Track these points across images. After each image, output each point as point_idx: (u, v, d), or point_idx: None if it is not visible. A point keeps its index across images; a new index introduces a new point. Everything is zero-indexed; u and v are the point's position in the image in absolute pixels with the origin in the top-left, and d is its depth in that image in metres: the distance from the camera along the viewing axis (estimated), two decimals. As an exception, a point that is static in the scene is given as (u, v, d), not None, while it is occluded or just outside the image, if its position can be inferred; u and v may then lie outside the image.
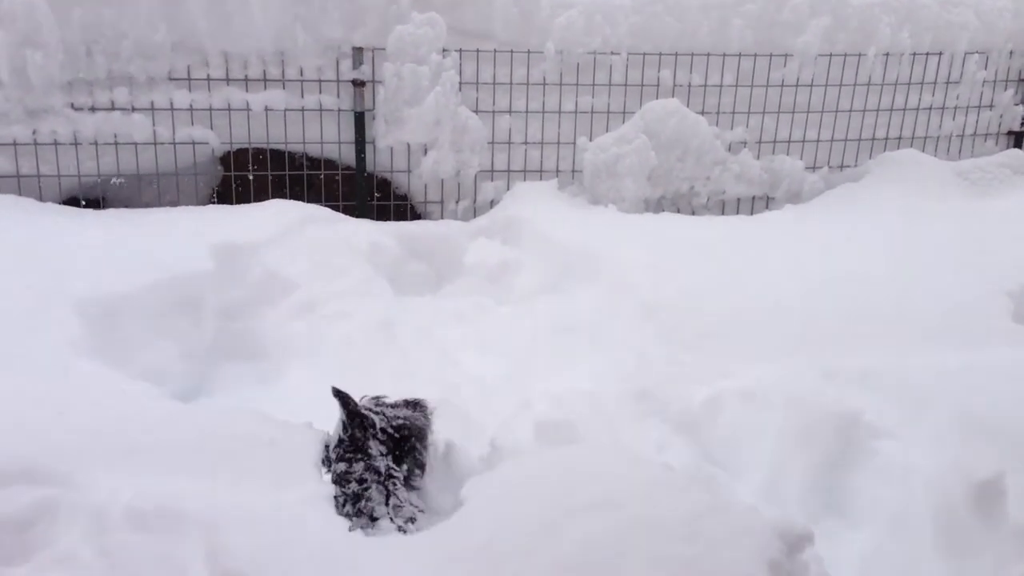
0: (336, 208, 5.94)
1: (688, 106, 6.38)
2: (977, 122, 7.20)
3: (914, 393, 3.23)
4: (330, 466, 2.98)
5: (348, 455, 2.97)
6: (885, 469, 3.09)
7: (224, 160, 6.09)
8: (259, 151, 6.08)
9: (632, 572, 2.11)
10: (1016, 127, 7.27)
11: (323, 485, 2.87)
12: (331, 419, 3.92)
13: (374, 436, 3.00)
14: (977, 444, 2.84)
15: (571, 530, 2.28)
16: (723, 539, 2.16)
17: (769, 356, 3.90)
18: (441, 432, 3.87)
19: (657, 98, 6.40)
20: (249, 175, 6.07)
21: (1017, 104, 7.24)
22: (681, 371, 4.16)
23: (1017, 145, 7.17)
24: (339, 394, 3.03)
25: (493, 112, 6.32)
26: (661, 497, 2.34)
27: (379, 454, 2.97)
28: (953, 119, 7.14)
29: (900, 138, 6.99)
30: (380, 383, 4.27)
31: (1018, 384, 3.15)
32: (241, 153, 6.07)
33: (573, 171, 6.50)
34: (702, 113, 6.45)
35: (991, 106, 7.22)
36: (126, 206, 5.77)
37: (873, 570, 2.95)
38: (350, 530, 2.61)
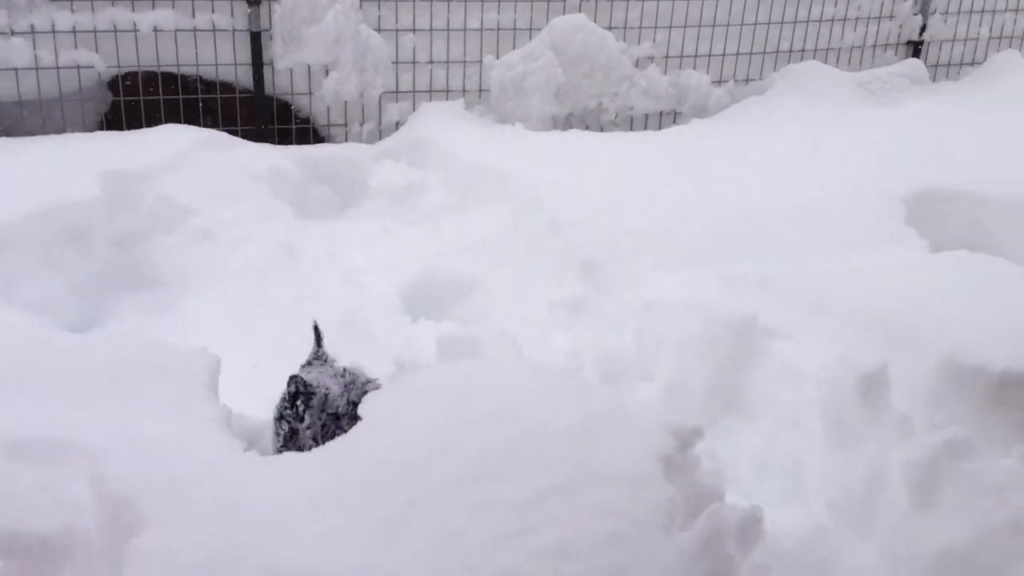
0: (235, 133, 5.75)
1: (595, 21, 6.30)
2: (878, 32, 7.28)
3: (807, 295, 3.30)
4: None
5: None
6: (779, 368, 3.17)
7: (112, 85, 5.82)
8: (150, 75, 5.82)
9: (527, 478, 2.12)
10: (915, 37, 7.38)
11: (216, 409, 2.81)
12: (229, 344, 3.86)
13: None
14: (864, 340, 2.91)
15: (467, 442, 2.27)
16: (617, 439, 2.18)
17: (673, 266, 3.95)
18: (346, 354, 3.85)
19: (564, 14, 6.31)
20: (140, 100, 5.81)
21: (916, 14, 7.34)
22: (587, 285, 4.19)
23: (916, 55, 7.28)
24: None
25: (396, 30, 6.15)
26: (557, 404, 2.34)
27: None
28: (854, 30, 7.21)
29: (803, 50, 7.04)
30: (282, 306, 4.21)
31: (904, 282, 3.24)
32: (131, 77, 5.80)
33: (480, 90, 6.39)
34: (609, 28, 6.38)
35: (891, 16, 7.30)
36: (7, 135, 5.48)
37: (767, 463, 3.04)
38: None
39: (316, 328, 3.28)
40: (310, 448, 2.84)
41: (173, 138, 5.28)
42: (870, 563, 2.62)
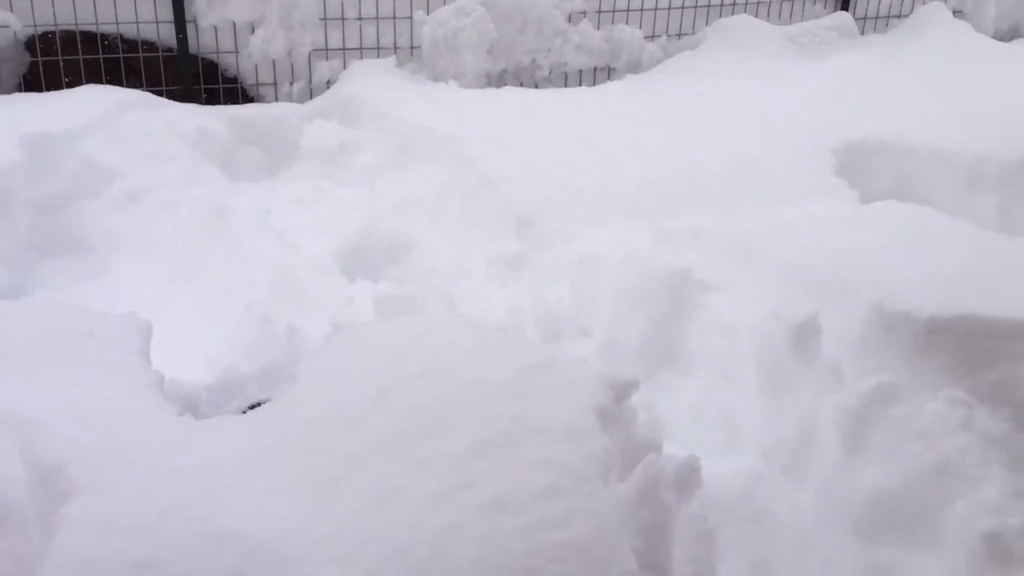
0: (160, 94, 5.57)
1: (526, -24, 6.22)
2: (807, -14, 7.32)
3: (740, 248, 3.33)
4: None
5: None
6: (713, 321, 3.20)
7: (30, 45, 5.59)
8: (68, 34, 5.60)
9: (463, 433, 2.11)
10: (844, -9, 7.44)
11: (148, 374, 2.75)
12: (162, 310, 3.78)
13: None
14: (796, 291, 2.95)
15: (402, 398, 2.25)
16: (552, 393, 2.18)
17: (607, 221, 3.94)
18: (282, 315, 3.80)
19: (494, -32, 6.22)
20: (59, 60, 5.60)
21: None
22: (521, 241, 4.17)
23: (844, 8, 7.33)
24: None
25: (324, -14, 6.01)
26: (491, 359, 2.34)
27: None
28: (785, -17, 7.24)
29: (735, 4, 7.04)
30: (215, 271, 4.13)
31: (834, 233, 3.29)
32: (48, 36, 5.58)
33: (411, 47, 6.28)
34: (540, -18, 6.31)
35: (820, -30, 7.34)
36: (-82, 98, 5.25)
37: (703, 415, 3.08)
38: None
39: None
40: None
41: (95, 99, 5.10)
42: (804, 509, 2.68)
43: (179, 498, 2.00)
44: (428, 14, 6.12)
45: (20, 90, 5.59)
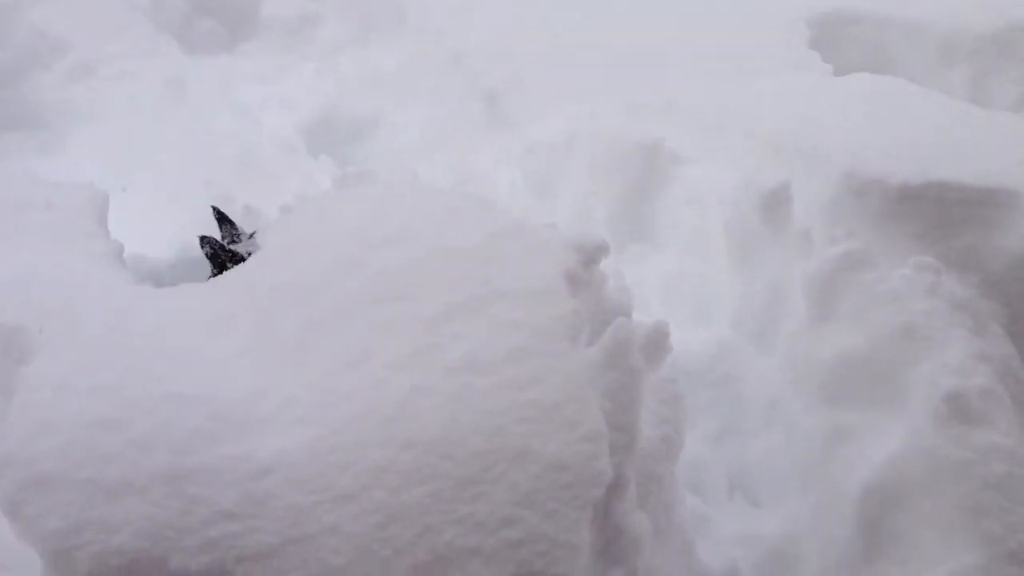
0: (109, -39, 5.31)
1: None
2: None
3: (712, 120, 3.27)
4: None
5: None
6: (685, 192, 3.17)
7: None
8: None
9: (431, 297, 2.08)
10: None
11: (107, 243, 2.68)
12: (121, 185, 3.68)
13: None
14: (767, 160, 2.91)
15: (369, 264, 2.21)
16: (520, 257, 2.14)
17: (578, 95, 3.85)
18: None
19: None
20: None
21: None
22: (490, 116, 4.09)
23: None
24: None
25: None
26: (459, 225, 2.29)
27: None
28: None
29: None
30: (174, 146, 4.01)
31: (808, 104, 3.23)
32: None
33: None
34: None
35: None
36: None
37: (675, 284, 3.08)
38: None
39: (218, 213, 3.05)
40: None
41: (41, -34, 4.85)
42: (772, 374, 2.70)
43: (140, 361, 1.96)
44: None
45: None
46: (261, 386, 1.95)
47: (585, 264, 2.16)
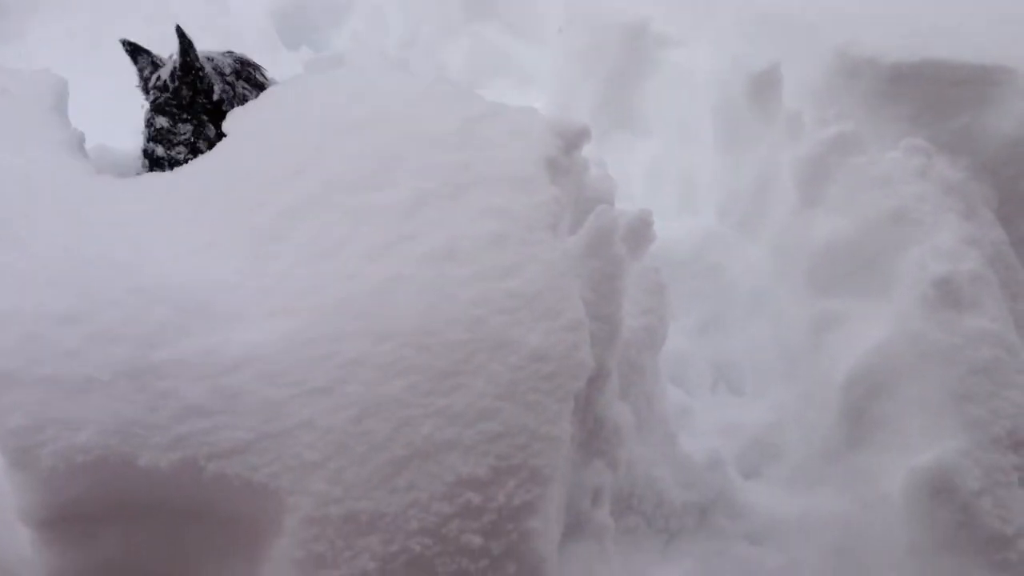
0: None
1: None
2: None
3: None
4: (148, 94, 2.70)
5: (173, 109, 2.67)
6: (672, 76, 3.06)
7: None
8: None
9: (406, 183, 2.00)
10: None
11: (66, 131, 2.56)
12: (84, 74, 3.52)
13: (204, 102, 2.67)
14: (757, 40, 2.79)
15: (340, 148, 2.12)
16: (498, 142, 2.06)
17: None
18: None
19: None
20: None
21: None
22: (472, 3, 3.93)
23: None
24: (181, 35, 2.63)
25: None
26: (433, 108, 2.19)
27: (208, 122, 2.68)
28: None
29: None
30: (137, 31, 3.82)
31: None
32: None
33: None
34: None
35: None
36: None
37: (660, 172, 3.00)
38: None
39: (180, 34, 2.69)
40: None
41: None
42: (759, 262, 2.65)
43: (104, 252, 1.87)
44: None
45: None
46: (232, 277, 1.87)
47: (566, 149, 2.08)
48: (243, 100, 2.67)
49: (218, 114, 2.64)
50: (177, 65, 2.65)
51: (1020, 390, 2.02)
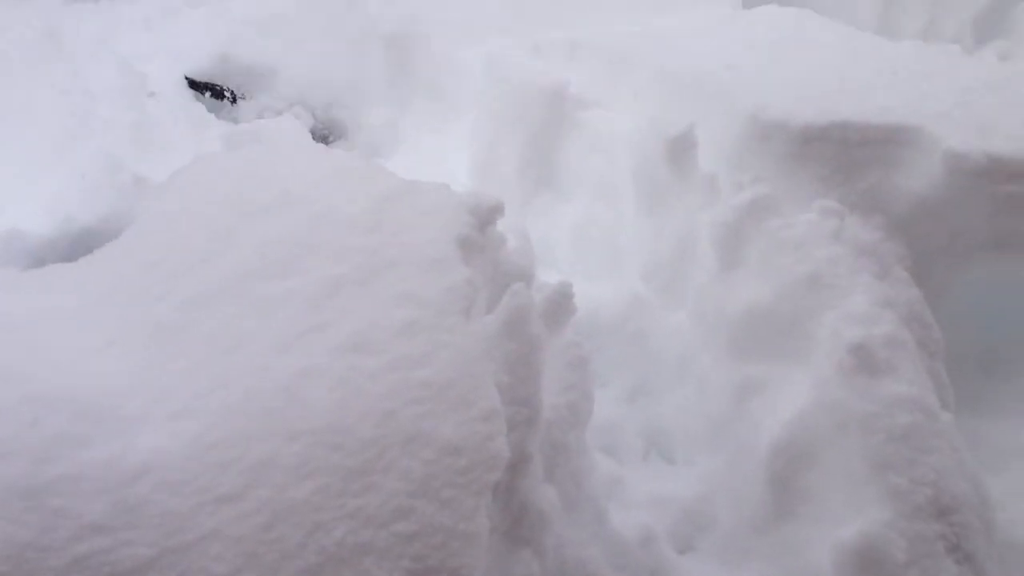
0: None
1: None
2: None
3: (618, 60, 3.15)
4: None
5: None
6: (591, 138, 3.06)
7: None
8: None
9: (316, 269, 1.95)
10: None
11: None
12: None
13: None
14: (672, 103, 2.81)
15: (250, 233, 2.07)
16: (410, 222, 2.02)
17: (480, 36, 3.69)
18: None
19: None
20: None
21: None
22: (391, 62, 3.91)
23: None
24: None
25: None
26: (345, 188, 2.15)
27: None
28: None
29: None
30: (48, 106, 3.75)
31: (713, 40, 3.13)
32: None
33: None
34: None
35: None
36: None
37: (584, 234, 2.99)
38: None
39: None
40: None
41: None
42: (683, 327, 2.64)
43: (-4, 358, 1.79)
44: None
45: None
46: (132, 379, 1.80)
47: (479, 227, 2.05)
48: None
49: None
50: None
51: (940, 454, 2.02)
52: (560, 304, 2.18)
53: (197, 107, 4.06)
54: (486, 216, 2.07)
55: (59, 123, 3.66)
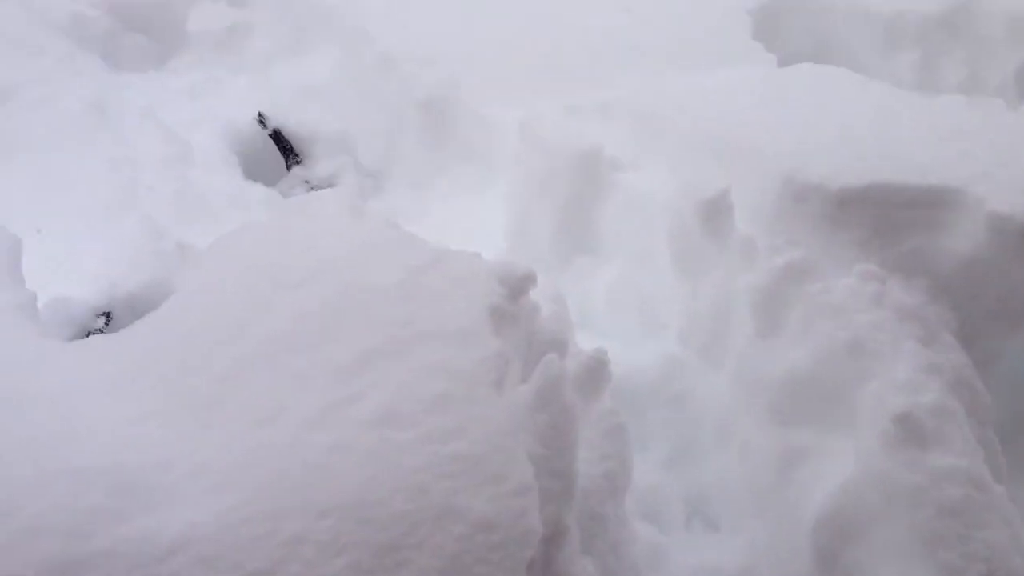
0: (26, -22, 5.10)
1: None
2: None
3: (651, 121, 3.15)
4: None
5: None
6: (626, 200, 3.05)
7: None
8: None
9: (348, 341, 1.96)
10: None
11: (15, 292, 2.52)
12: (44, 221, 3.50)
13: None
14: (707, 164, 2.80)
15: (284, 304, 2.08)
16: (441, 292, 2.02)
17: (514, 98, 3.71)
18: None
19: None
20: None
21: None
22: (428, 125, 3.95)
23: None
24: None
25: None
26: (379, 258, 2.16)
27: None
28: None
29: None
30: (96, 175, 3.83)
31: (748, 100, 3.11)
32: None
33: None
34: None
35: None
36: None
37: (620, 297, 2.96)
38: None
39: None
40: None
41: (-49, -13, 4.65)
42: (722, 390, 2.60)
43: (34, 432, 1.82)
44: None
45: None
46: (168, 452, 1.81)
47: (511, 296, 2.04)
48: None
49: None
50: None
51: (993, 529, 1.94)
52: (596, 372, 2.16)
53: (238, 173, 4.13)
54: (518, 285, 2.07)
55: (105, 192, 3.75)
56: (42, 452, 1.77)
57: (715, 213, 2.63)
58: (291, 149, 4.32)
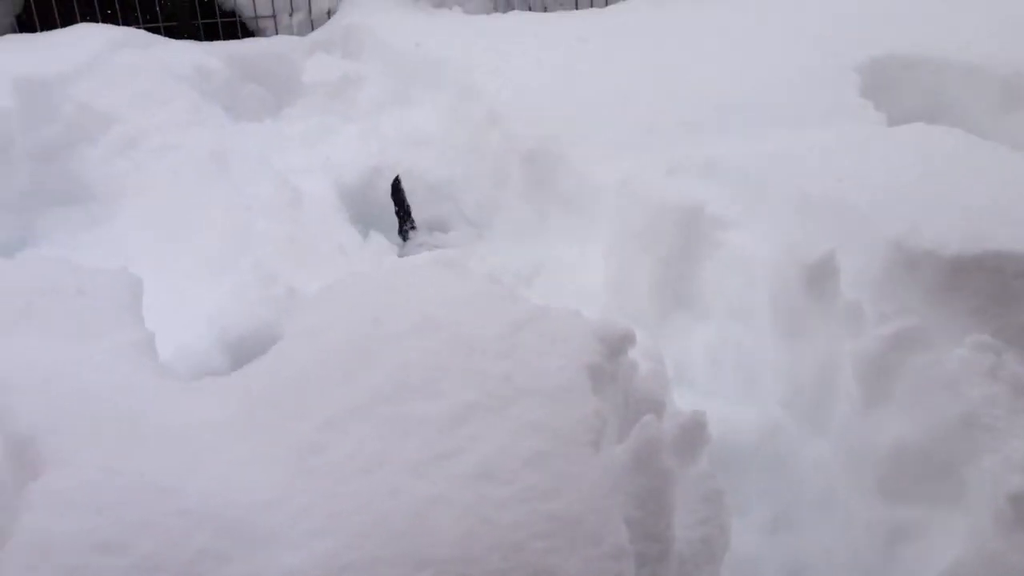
0: (156, 30, 5.42)
1: None
2: None
3: (756, 179, 3.12)
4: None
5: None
6: (728, 259, 3.02)
7: (23, -16, 5.44)
8: (61, -30, 5.44)
9: (448, 395, 1.99)
10: None
11: (135, 331, 2.64)
12: (164, 262, 3.67)
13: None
14: (813, 226, 2.75)
15: (387, 357, 2.13)
16: (540, 349, 2.04)
17: (616, 153, 3.74)
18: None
19: None
20: (53, -1, 5.45)
21: None
22: (530, 179, 4.01)
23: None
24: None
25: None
26: (479, 313, 2.20)
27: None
28: None
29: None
30: (213, 218, 4.00)
31: (857, 160, 3.06)
32: (42, -26, 5.42)
33: (416, -28, 6.04)
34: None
35: None
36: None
37: (719, 358, 2.93)
38: None
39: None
40: None
41: (87, 39, 4.95)
42: (825, 460, 2.54)
43: (148, 471, 1.89)
44: (431, -63, 5.87)
45: (14, 30, 5.44)
46: (273, 495, 1.86)
47: (610, 356, 2.05)
48: None
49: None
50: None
51: (1114, 621, 1.84)
52: (694, 434, 2.14)
53: (346, 220, 4.25)
54: (617, 344, 2.07)
55: (221, 238, 3.91)
56: (154, 492, 1.84)
57: (820, 276, 2.58)
58: (409, 213, 4.40)
